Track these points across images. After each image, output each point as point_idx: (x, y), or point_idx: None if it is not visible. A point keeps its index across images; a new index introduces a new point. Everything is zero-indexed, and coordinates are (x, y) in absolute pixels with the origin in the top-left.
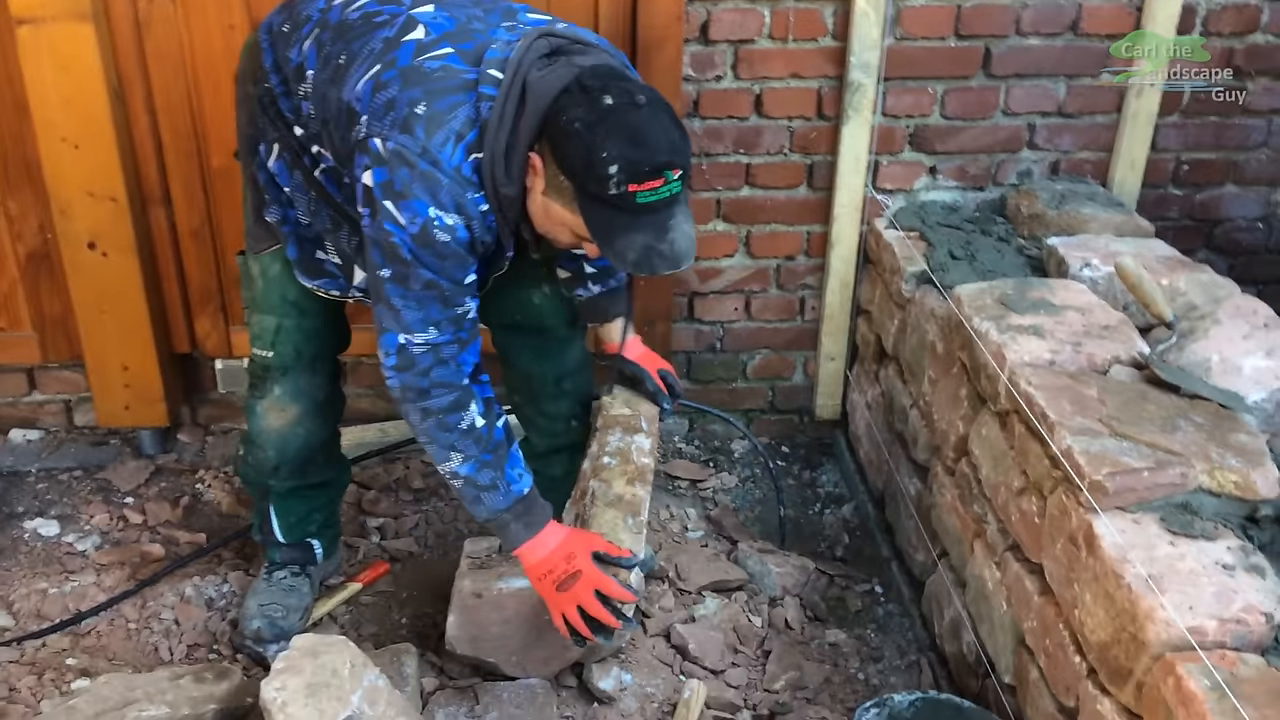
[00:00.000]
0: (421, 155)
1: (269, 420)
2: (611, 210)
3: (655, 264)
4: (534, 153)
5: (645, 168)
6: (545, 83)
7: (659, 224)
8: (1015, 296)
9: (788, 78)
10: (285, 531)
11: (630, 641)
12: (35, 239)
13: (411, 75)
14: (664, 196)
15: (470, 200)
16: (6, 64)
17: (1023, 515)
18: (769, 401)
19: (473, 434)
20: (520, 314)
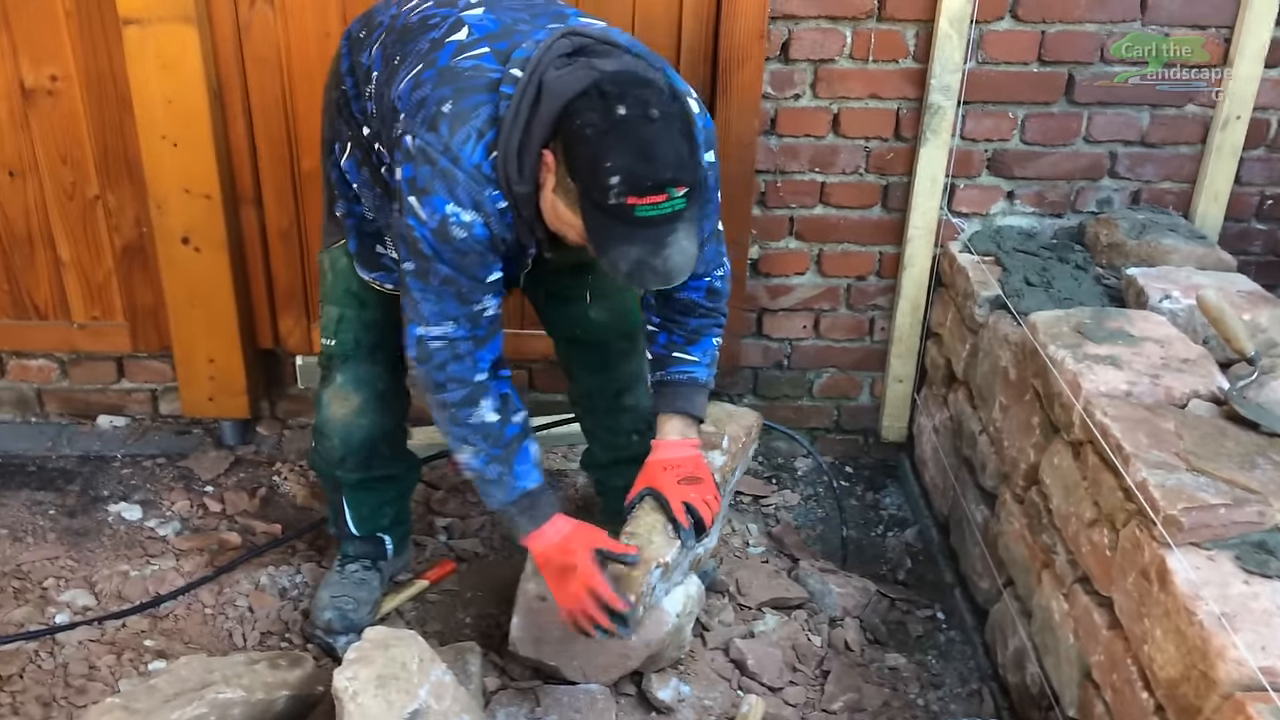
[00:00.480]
0: (444, 152)
1: (334, 409)
2: (610, 219)
3: (646, 278)
4: (548, 150)
5: (648, 182)
6: (562, 82)
7: (657, 239)
8: (1092, 325)
9: (866, 98)
10: (358, 524)
11: (690, 654)
12: (131, 232)
13: (446, 74)
14: (665, 212)
15: (488, 197)
16: (112, 62)
17: (1094, 547)
18: (834, 421)
19: (483, 429)
20: (579, 328)
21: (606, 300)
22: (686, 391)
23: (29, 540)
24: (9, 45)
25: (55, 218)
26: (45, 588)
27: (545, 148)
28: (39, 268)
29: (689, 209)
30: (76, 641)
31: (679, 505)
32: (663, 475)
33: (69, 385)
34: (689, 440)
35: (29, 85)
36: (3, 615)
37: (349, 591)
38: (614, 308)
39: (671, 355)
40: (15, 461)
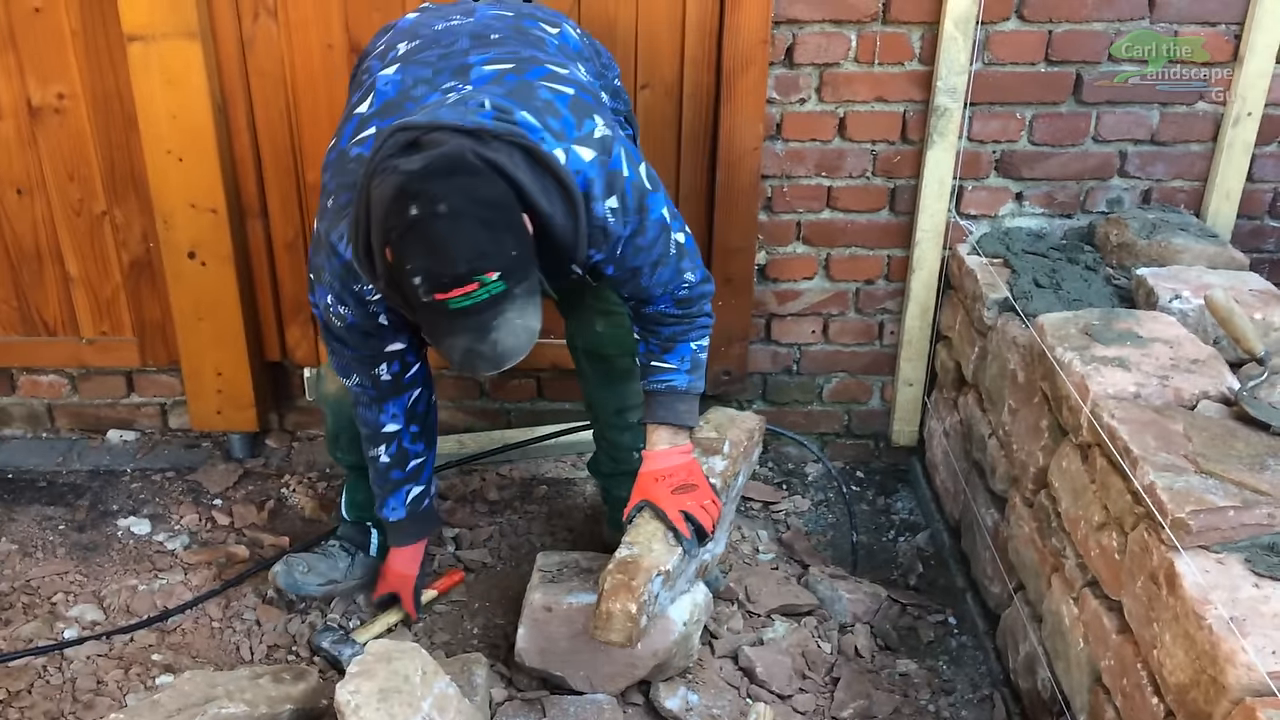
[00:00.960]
0: (324, 246)
1: (326, 384)
2: (432, 314)
3: (477, 365)
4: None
5: (444, 279)
6: (378, 193)
7: (480, 326)
8: (1101, 327)
9: (872, 101)
10: (349, 507)
11: (698, 662)
12: (139, 247)
13: (338, 163)
14: (480, 299)
15: (358, 291)
16: (118, 79)
17: (1102, 551)
18: (844, 425)
19: (375, 465)
20: (585, 341)
21: (612, 316)
22: (667, 400)
23: (38, 555)
24: (16, 64)
25: (63, 234)
26: (54, 603)
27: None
28: (48, 284)
29: (511, 290)
30: (85, 656)
31: (676, 514)
32: (655, 486)
33: (79, 400)
34: (679, 448)
35: (36, 103)
36: (12, 630)
37: (309, 559)
38: (620, 325)
39: (650, 364)
40: (26, 477)
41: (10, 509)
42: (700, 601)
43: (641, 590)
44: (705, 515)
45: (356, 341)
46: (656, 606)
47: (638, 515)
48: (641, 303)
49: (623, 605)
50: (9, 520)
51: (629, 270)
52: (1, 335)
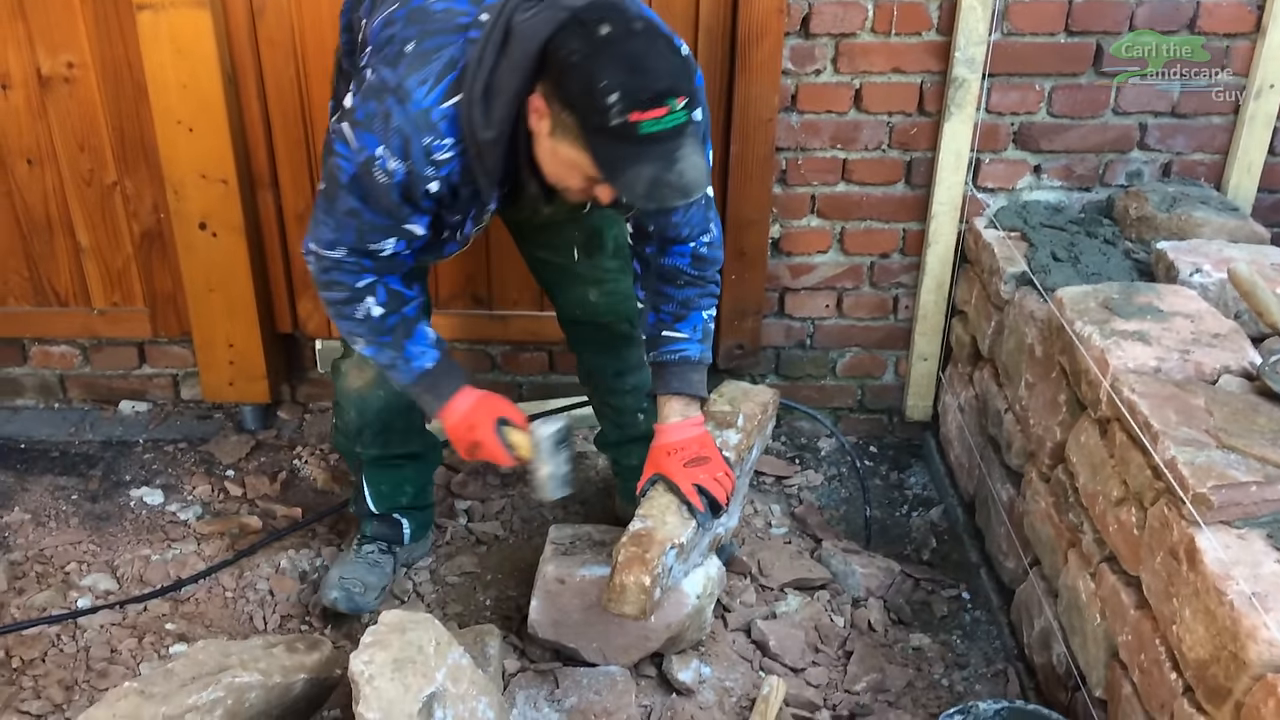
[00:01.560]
0: (394, 91)
1: (351, 379)
2: (616, 142)
3: (665, 195)
4: (537, 94)
5: (645, 95)
6: (530, 25)
7: (666, 154)
8: (1120, 301)
9: (889, 72)
10: (376, 500)
11: (711, 635)
12: (149, 218)
13: (416, 14)
14: (669, 126)
15: (424, 146)
16: (127, 48)
17: (1121, 526)
18: (858, 400)
19: (368, 322)
20: (579, 310)
21: (606, 285)
22: (680, 371)
23: (52, 525)
24: (25, 33)
25: (74, 205)
26: (68, 572)
27: (530, 94)
28: (59, 255)
29: (691, 122)
30: (98, 625)
31: (689, 488)
32: (668, 460)
33: (91, 371)
34: (691, 420)
35: (46, 73)
36: (26, 599)
37: (359, 574)
38: (614, 292)
39: (661, 334)
40: (39, 447)
41: (23, 479)
42: (713, 575)
43: (655, 563)
44: (719, 488)
45: (388, 204)
46: (670, 579)
47: (651, 489)
48: (667, 244)
49: (636, 578)
50: (22, 490)
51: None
52: (13, 305)
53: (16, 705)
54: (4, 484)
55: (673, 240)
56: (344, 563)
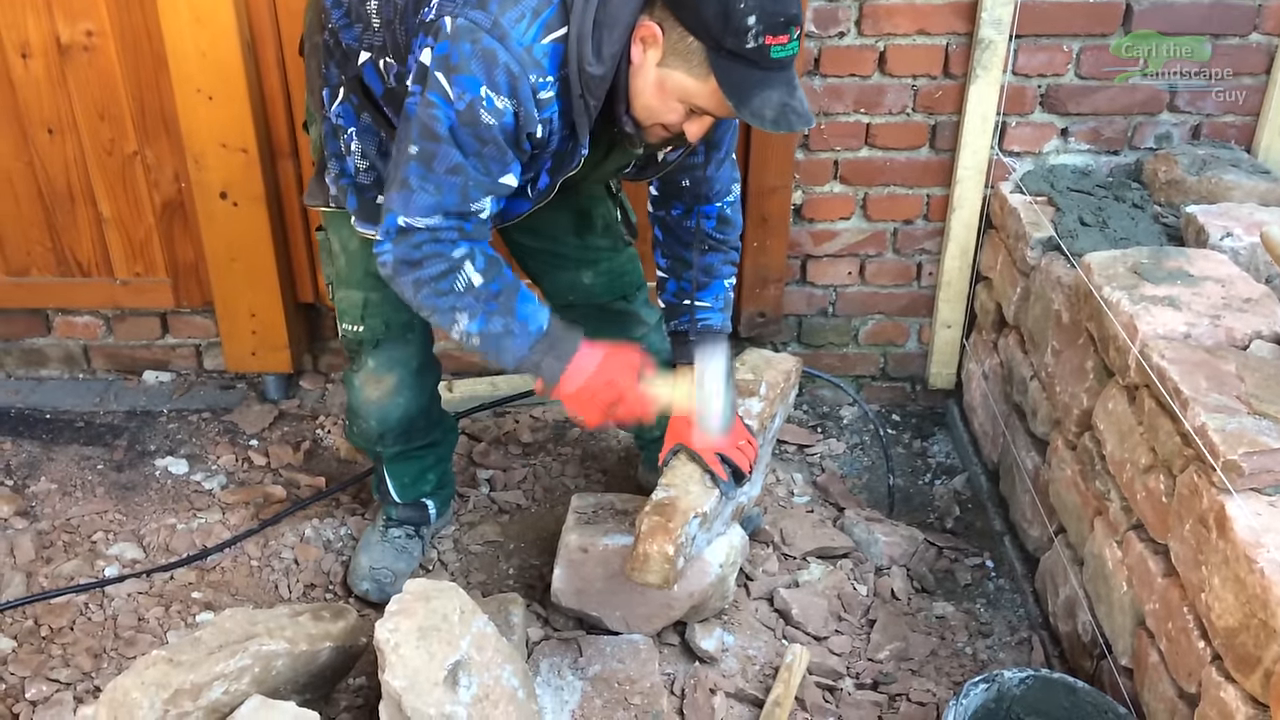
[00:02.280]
0: (491, 30)
1: (367, 392)
2: (748, 67)
3: (792, 120)
4: (649, 20)
5: (781, 18)
6: None
7: (788, 81)
8: (1150, 266)
9: (914, 34)
10: (401, 491)
11: (734, 604)
12: (170, 188)
13: None
14: (792, 53)
15: (531, 84)
16: (145, 16)
17: (1149, 493)
18: (880, 368)
19: (471, 291)
20: (572, 294)
21: (600, 264)
22: (704, 341)
23: (78, 495)
24: (44, 1)
25: (95, 174)
26: (94, 541)
27: (639, 21)
28: (81, 225)
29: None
30: (125, 594)
31: (712, 457)
32: (690, 430)
33: (114, 341)
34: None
35: (65, 41)
36: (53, 568)
37: (388, 563)
38: (608, 270)
39: (682, 304)
40: (64, 417)
41: (49, 449)
42: (736, 544)
43: (679, 532)
44: (741, 457)
45: (491, 151)
46: (693, 548)
47: (673, 458)
48: (697, 202)
49: (660, 547)
50: (48, 460)
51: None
52: (37, 276)
53: (46, 673)
54: (31, 454)
55: (704, 199)
56: (372, 546)
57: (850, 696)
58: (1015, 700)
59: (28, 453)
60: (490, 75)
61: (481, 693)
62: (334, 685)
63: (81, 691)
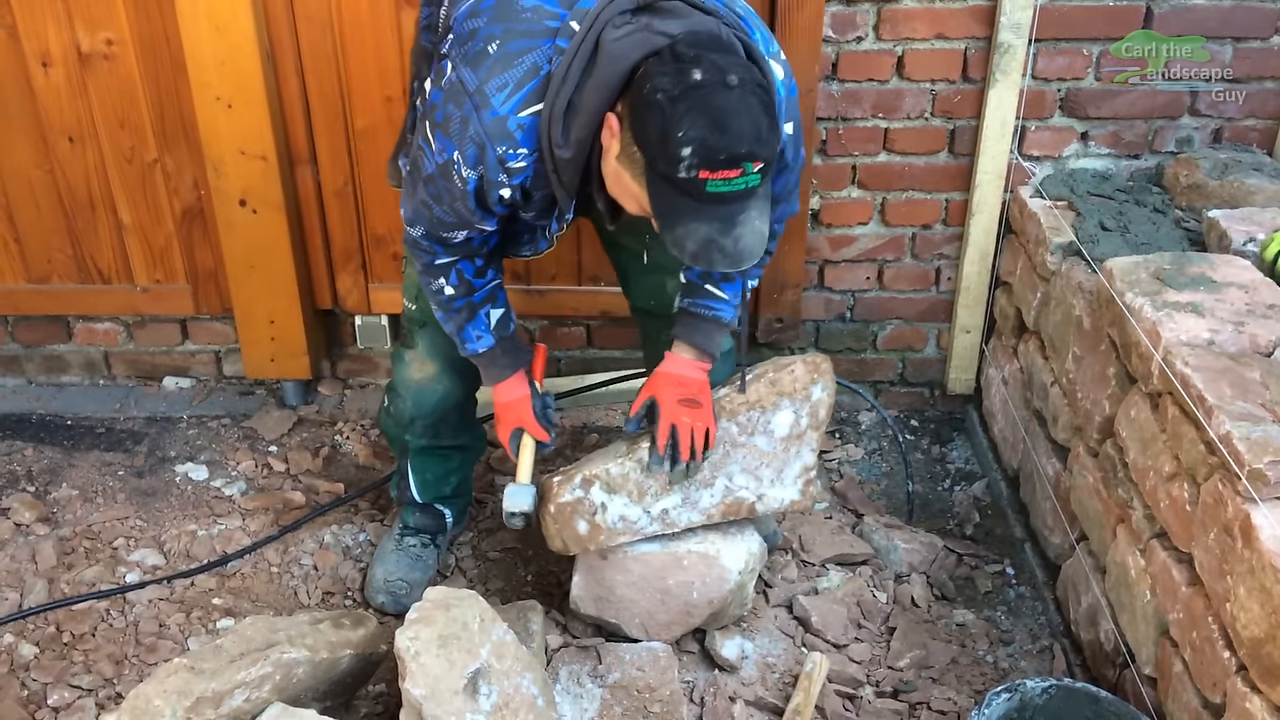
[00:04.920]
0: (473, 95)
1: (411, 371)
2: (679, 194)
3: (714, 259)
4: (613, 113)
5: (722, 155)
6: (621, 45)
7: (727, 216)
8: (1172, 271)
9: (932, 39)
10: (421, 489)
11: (753, 611)
12: (190, 195)
13: (503, 9)
14: (738, 189)
15: (499, 154)
16: (165, 24)
17: (1173, 502)
18: (899, 374)
19: (439, 296)
20: (654, 299)
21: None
22: (708, 328)
23: (99, 500)
24: (65, 10)
25: (115, 182)
26: (115, 547)
27: (610, 111)
28: (101, 232)
29: (763, 185)
30: (146, 600)
31: (665, 427)
32: (666, 390)
33: (135, 348)
34: (701, 364)
35: (85, 50)
36: (75, 574)
37: (403, 574)
38: None
39: (703, 287)
40: (85, 423)
41: (70, 455)
42: (755, 551)
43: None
44: (696, 437)
45: (461, 207)
46: (607, 515)
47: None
48: None
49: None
50: (69, 466)
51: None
52: (58, 283)
53: (68, 679)
54: (52, 460)
55: None
56: (387, 556)
57: (870, 705)
58: (1038, 710)
59: (49, 459)
60: (462, 143)
61: (501, 701)
62: (354, 693)
63: (103, 698)
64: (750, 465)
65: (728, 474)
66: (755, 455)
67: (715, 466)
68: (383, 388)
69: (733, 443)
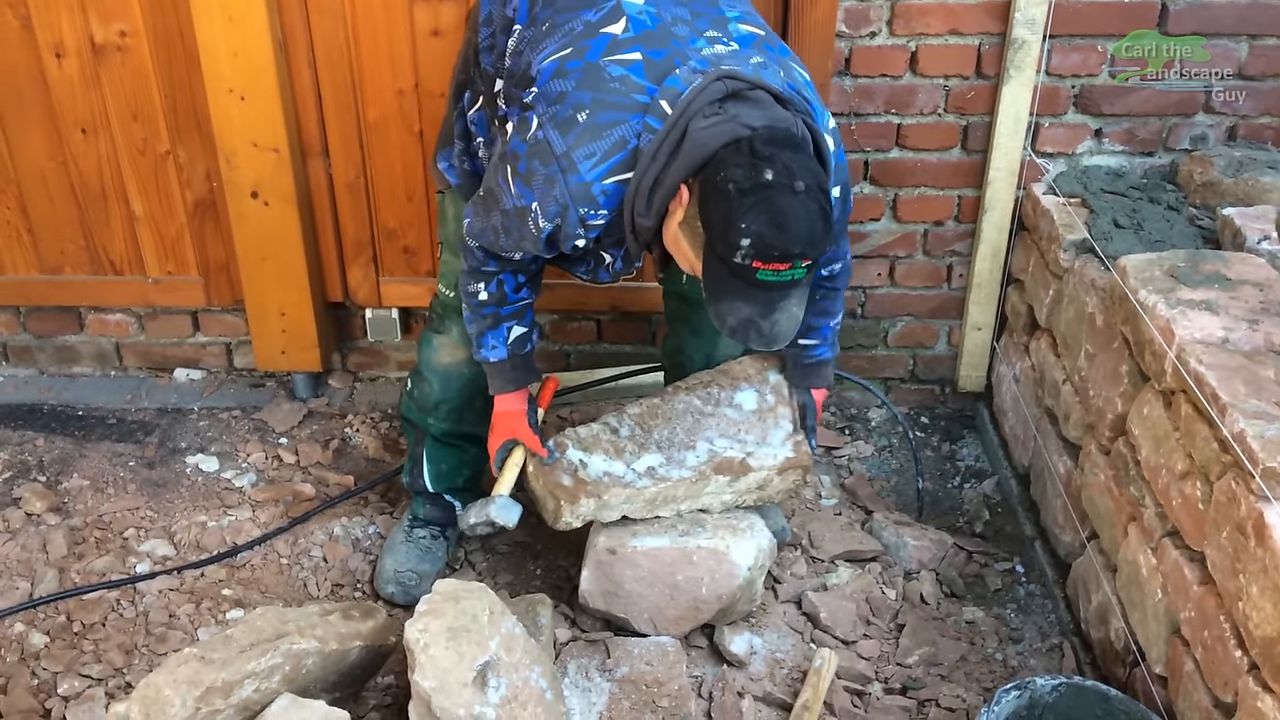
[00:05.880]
0: (560, 158)
1: (440, 355)
2: (730, 275)
3: (751, 338)
4: (685, 185)
5: (776, 252)
6: (704, 135)
7: (769, 301)
8: (1186, 269)
9: (946, 34)
10: (434, 479)
11: (761, 607)
12: (202, 187)
13: (591, 76)
14: (784, 280)
15: (580, 214)
16: (178, 16)
17: (1185, 500)
18: (909, 370)
19: (472, 300)
20: (691, 285)
21: None
22: (819, 369)
23: (110, 491)
24: (78, 1)
25: (128, 174)
26: (126, 538)
27: (685, 182)
28: (114, 224)
29: (806, 278)
30: (156, 590)
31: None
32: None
33: (146, 339)
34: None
35: (99, 41)
36: (85, 564)
37: (412, 565)
38: None
39: (797, 342)
40: (96, 414)
41: (82, 445)
42: (764, 546)
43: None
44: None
45: (527, 246)
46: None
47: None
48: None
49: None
50: (81, 457)
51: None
52: (70, 274)
53: (78, 669)
54: (63, 450)
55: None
56: (397, 547)
57: (879, 701)
58: (1048, 708)
59: (60, 449)
60: (544, 200)
61: (510, 694)
62: (363, 684)
63: (113, 687)
64: (728, 431)
65: (706, 438)
66: (728, 423)
67: (689, 432)
68: (393, 381)
69: (699, 413)
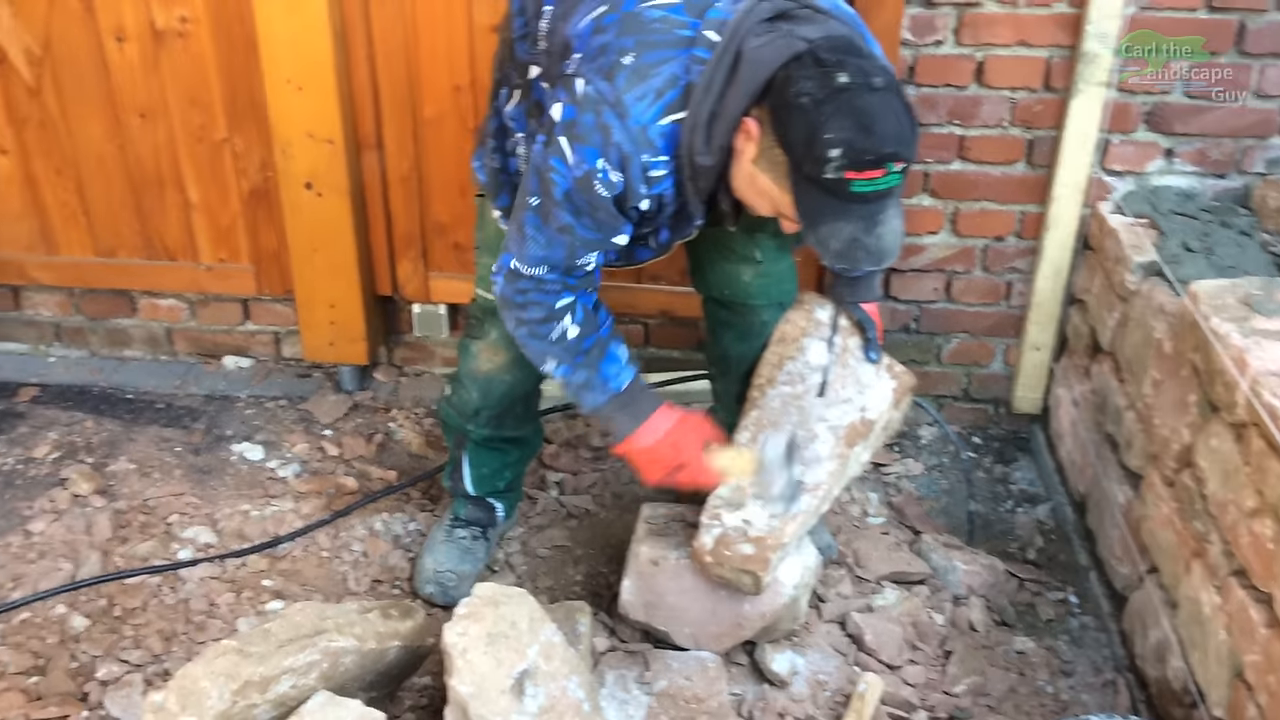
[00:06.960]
0: (613, 105)
1: (479, 361)
2: (824, 194)
3: (859, 257)
4: (751, 118)
5: (869, 156)
6: (762, 52)
7: (870, 215)
8: (1262, 297)
9: (1014, 45)
10: (476, 483)
11: (804, 626)
12: (257, 176)
13: (630, 23)
14: (881, 188)
15: (643, 163)
16: (239, 3)
17: (1254, 539)
18: (963, 389)
19: (563, 343)
20: (729, 289)
21: (763, 265)
22: (868, 281)
23: (156, 476)
24: None
25: (184, 160)
26: (170, 523)
27: (746, 116)
28: (168, 209)
29: (901, 184)
30: (198, 578)
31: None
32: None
33: (197, 325)
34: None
35: (159, 26)
36: (129, 548)
37: (452, 565)
38: (769, 273)
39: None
40: (145, 398)
41: (130, 429)
42: (810, 565)
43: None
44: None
45: (602, 217)
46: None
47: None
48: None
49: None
50: (129, 440)
51: None
52: (124, 258)
53: (117, 653)
54: (112, 433)
55: None
56: (437, 546)
57: None
58: None
59: (109, 431)
60: (606, 149)
61: (548, 703)
62: (399, 684)
63: (151, 674)
64: (829, 402)
65: (819, 418)
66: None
67: (801, 423)
68: (438, 376)
69: (793, 398)
